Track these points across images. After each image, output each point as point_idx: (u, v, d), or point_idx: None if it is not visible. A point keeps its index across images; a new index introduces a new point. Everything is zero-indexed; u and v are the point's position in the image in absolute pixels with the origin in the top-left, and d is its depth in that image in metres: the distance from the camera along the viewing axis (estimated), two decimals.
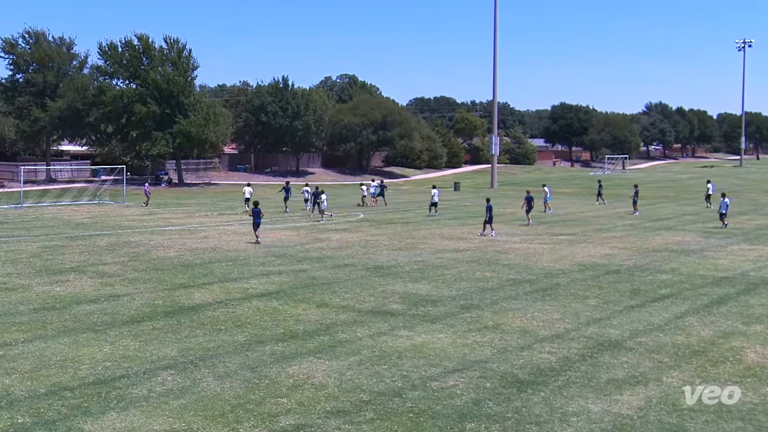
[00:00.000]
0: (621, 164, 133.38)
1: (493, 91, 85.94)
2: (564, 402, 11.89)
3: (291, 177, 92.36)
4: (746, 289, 21.48)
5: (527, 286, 21.92)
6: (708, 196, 54.49)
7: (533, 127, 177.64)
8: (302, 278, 23.00)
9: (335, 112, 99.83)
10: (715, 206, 51.93)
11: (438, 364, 13.92)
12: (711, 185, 55.64)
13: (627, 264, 26.05)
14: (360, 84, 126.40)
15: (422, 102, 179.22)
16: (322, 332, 16.28)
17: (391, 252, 28.82)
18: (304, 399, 11.99)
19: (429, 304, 19.20)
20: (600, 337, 15.96)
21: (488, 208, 34.80)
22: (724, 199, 39.29)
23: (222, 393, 12.26)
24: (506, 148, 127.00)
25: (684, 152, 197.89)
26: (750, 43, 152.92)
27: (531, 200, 40.52)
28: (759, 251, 29.50)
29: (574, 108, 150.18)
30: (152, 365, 13.76)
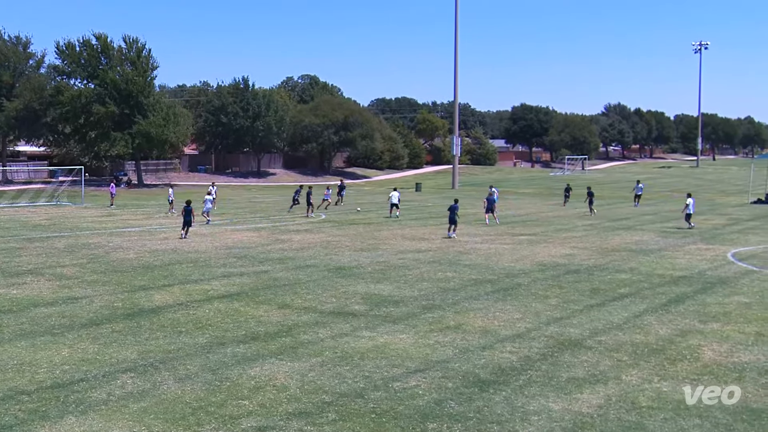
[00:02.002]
0: (580, 165, 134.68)
1: (454, 92, 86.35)
2: (525, 401, 11.97)
3: (252, 178, 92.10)
4: (703, 288, 21.80)
5: (488, 286, 22.04)
6: (637, 196, 55.26)
7: (494, 128, 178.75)
8: (264, 279, 22.90)
9: (296, 112, 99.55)
10: (672, 206, 52.68)
11: (400, 364, 13.94)
12: (640, 185, 56.53)
13: (587, 263, 26.31)
14: (321, 84, 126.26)
15: (384, 103, 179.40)
16: (284, 333, 16.23)
17: (353, 253, 28.80)
18: (266, 401, 11.94)
19: (391, 305, 19.22)
20: (560, 336, 16.10)
21: (453, 208, 34.49)
22: (689, 199, 39.84)
23: (183, 395, 12.16)
24: (467, 149, 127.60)
25: (642, 153, 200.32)
26: (706, 45, 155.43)
27: (492, 201, 41.27)
28: (715, 251, 29.95)
29: (534, 109, 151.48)
30: (111, 368, 13.60)
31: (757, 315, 18.23)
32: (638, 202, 54.78)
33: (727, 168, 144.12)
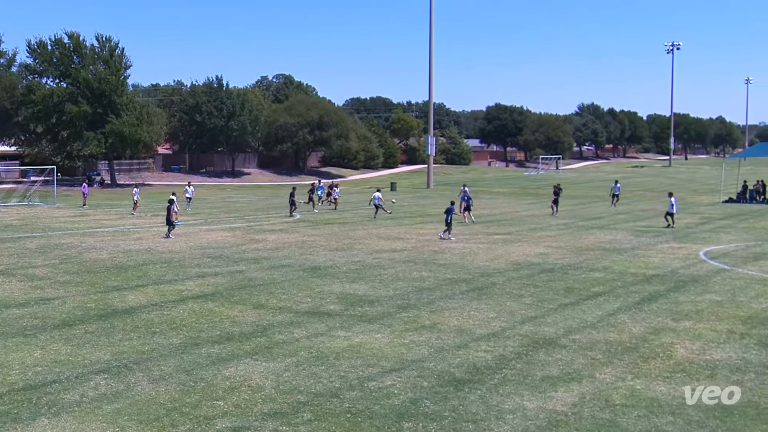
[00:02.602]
0: (554, 164, 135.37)
1: (429, 92, 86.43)
2: (500, 399, 12.02)
3: (227, 178, 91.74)
4: (675, 287, 21.98)
5: (463, 285, 22.09)
6: (614, 196, 55.35)
7: (468, 127, 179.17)
8: (238, 279, 22.82)
9: (271, 112, 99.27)
10: (645, 206, 53.11)
11: (375, 364, 13.93)
12: (618, 185, 56.66)
13: (561, 263, 26.45)
14: (296, 84, 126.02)
15: (358, 102, 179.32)
16: (259, 334, 16.17)
17: (328, 252, 28.76)
18: (241, 401, 11.89)
19: (366, 305, 19.22)
20: (535, 335, 16.17)
21: (449, 210, 33.88)
22: (672, 198, 40.21)
23: (157, 396, 12.09)
24: (442, 149, 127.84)
25: (615, 152, 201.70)
26: (678, 46, 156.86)
27: (469, 200, 41.66)
28: (688, 249, 30.22)
29: (509, 109, 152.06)
30: (84, 370, 13.49)
31: (728, 313, 18.41)
32: (615, 202, 54.75)
33: (699, 167, 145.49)
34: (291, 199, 44.76)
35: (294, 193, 45.58)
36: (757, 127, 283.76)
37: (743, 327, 16.96)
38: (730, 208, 53.16)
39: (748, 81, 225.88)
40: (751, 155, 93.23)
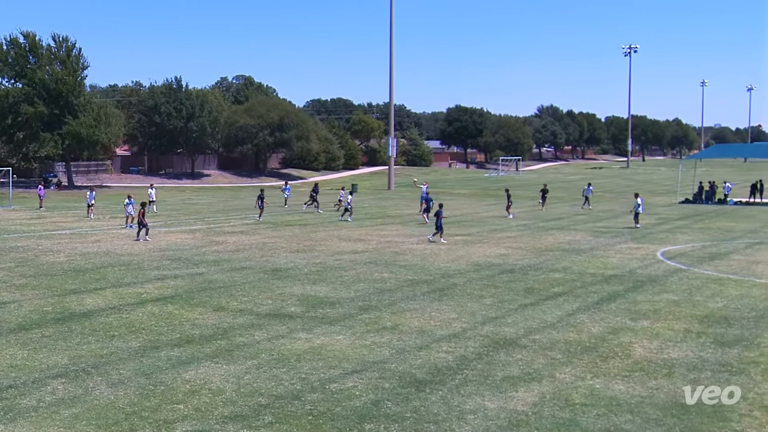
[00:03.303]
0: (514, 166, 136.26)
1: (389, 94, 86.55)
2: (461, 400, 12.06)
3: (186, 179, 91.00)
4: (634, 287, 22.25)
5: (424, 286, 22.15)
6: (586, 198, 55.12)
7: (429, 129, 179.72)
8: (198, 282, 22.65)
9: (231, 113, 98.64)
10: (604, 206, 53.67)
11: (337, 365, 13.92)
12: (590, 188, 56.71)
13: (521, 263, 26.63)
14: (256, 85, 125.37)
15: (319, 104, 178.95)
16: (220, 336, 16.07)
17: (289, 254, 28.67)
18: (201, 404, 11.81)
19: (327, 306, 19.18)
20: (495, 335, 16.26)
21: (438, 213, 33.48)
22: (638, 199, 40.71)
23: (116, 401, 11.95)
24: (403, 150, 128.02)
25: (574, 154, 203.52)
26: (635, 48, 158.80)
27: (430, 201, 41.68)
28: (645, 249, 30.59)
29: (469, 110, 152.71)
30: (42, 374, 13.29)
31: (685, 312, 18.67)
32: (588, 204, 54.12)
33: (656, 168, 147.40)
34: (260, 202, 43.99)
35: (263, 195, 44.83)
36: (713, 129, 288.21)
37: (699, 326, 17.21)
38: (687, 209, 53.93)
39: (703, 84, 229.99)
40: (707, 157, 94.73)
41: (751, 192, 62.61)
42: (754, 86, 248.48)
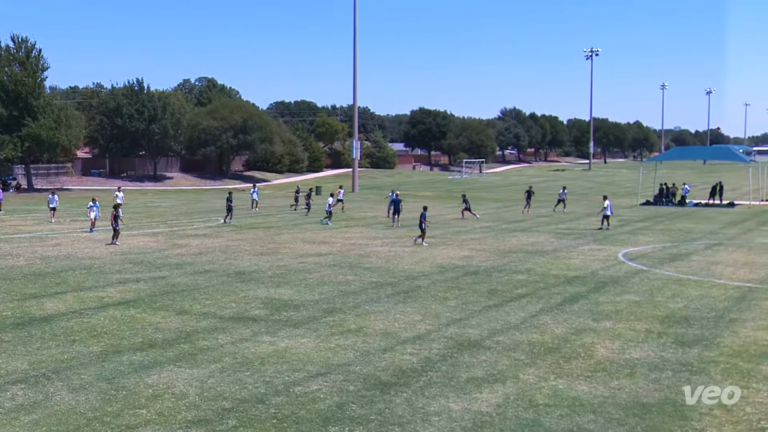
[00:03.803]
0: (478, 168, 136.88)
1: (353, 96, 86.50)
2: (426, 402, 12.09)
3: (148, 182, 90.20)
4: (596, 288, 22.45)
5: (389, 288, 22.16)
6: (560, 201, 54.93)
7: (393, 131, 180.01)
8: (161, 285, 22.46)
9: (194, 115, 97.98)
10: (567, 208, 54.09)
11: (301, 368, 13.88)
12: (565, 191, 56.77)
13: (485, 265, 26.75)
14: (219, 87, 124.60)
15: (283, 106, 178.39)
16: (183, 340, 15.95)
17: (253, 257, 28.54)
18: (164, 409, 11.70)
19: (291, 309, 19.12)
20: (460, 337, 16.31)
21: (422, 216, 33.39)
22: (606, 201, 41.19)
23: (77, 406, 11.81)
24: (367, 153, 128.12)
25: (537, 156, 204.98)
26: (597, 52, 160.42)
27: (399, 203, 42.06)
28: (607, 251, 30.89)
29: (433, 113, 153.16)
30: (1, 380, 13.08)
31: (646, 313, 18.88)
32: (564, 207, 53.97)
33: (618, 171, 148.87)
34: (228, 205, 43.41)
35: (231, 198, 44.31)
36: (673, 131, 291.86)
37: (661, 326, 17.41)
38: (647, 211, 54.54)
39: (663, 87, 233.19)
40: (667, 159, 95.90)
41: (710, 194, 63.50)
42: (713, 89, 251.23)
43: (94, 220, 37.69)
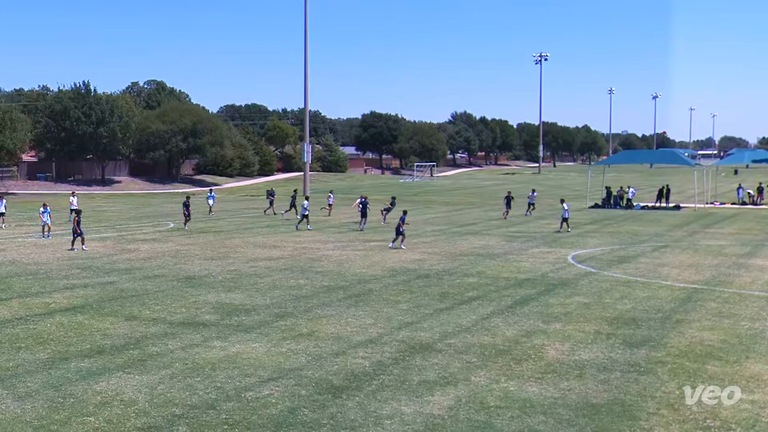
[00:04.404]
0: (429, 172, 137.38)
1: (304, 99, 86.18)
2: (378, 405, 12.09)
3: (96, 186, 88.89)
4: (546, 290, 22.67)
5: (341, 292, 22.14)
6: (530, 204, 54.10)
7: (344, 135, 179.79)
8: (109, 291, 22.15)
9: (143, 118, 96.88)
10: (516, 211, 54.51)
11: (252, 373, 13.79)
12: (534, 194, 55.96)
13: (436, 268, 26.85)
14: (168, 90, 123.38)
15: (233, 109, 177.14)
16: (132, 346, 15.74)
17: (203, 261, 28.30)
18: (113, 416, 11.54)
19: (243, 314, 19.00)
20: (411, 340, 16.35)
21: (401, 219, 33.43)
22: (564, 204, 41.72)
23: (23, 414, 11.58)
24: (318, 156, 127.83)
25: (487, 160, 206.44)
26: (546, 57, 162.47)
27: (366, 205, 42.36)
28: (557, 253, 31.22)
29: (384, 117, 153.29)
30: None
31: (595, 314, 19.12)
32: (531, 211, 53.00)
33: (567, 174, 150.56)
34: (186, 210, 42.60)
35: (188, 202, 43.55)
36: (620, 135, 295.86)
37: (609, 327, 17.64)
38: (596, 213, 55.21)
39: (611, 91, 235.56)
40: (615, 162, 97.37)
41: (657, 197, 64.52)
42: (659, 94, 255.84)
43: (47, 225, 36.73)
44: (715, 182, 75.97)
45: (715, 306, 20.24)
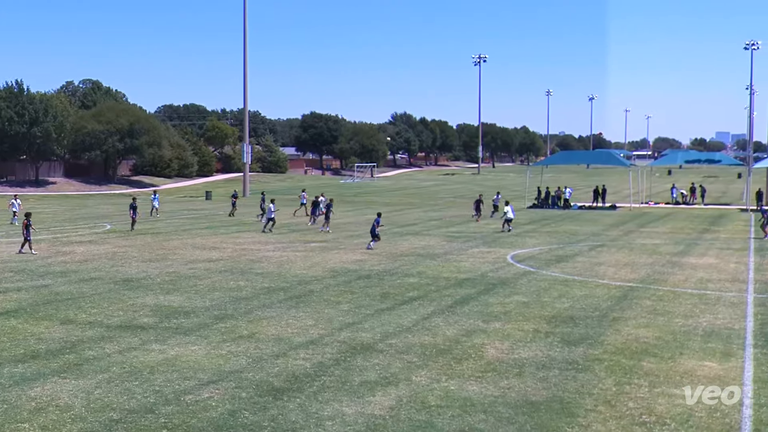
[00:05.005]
0: (369, 172, 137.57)
1: (244, 100, 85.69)
2: (319, 407, 12.06)
3: (30, 187, 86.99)
4: (486, 289, 22.87)
5: (281, 293, 22.03)
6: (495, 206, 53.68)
7: (284, 135, 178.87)
8: (44, 294, 21.69)
9: (78, 118, 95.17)
10: (456, 212, 54.95)
11: (192, 376, 13.64)
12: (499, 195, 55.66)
13: (377, 269, 26.90)
14: (104, 90, 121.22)
15: (171, 109, 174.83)
16: (68, 350, 15.44)
17: (141, 264, 27.90)
18: (48, 422, 11.30)
19: (182, 316, 18.78)
20: (353, 341, 16.35)
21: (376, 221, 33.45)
22: (507, 207, 42.28)
23: None
24: (258, 157, 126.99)
25: (427, 161, 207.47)
26: (485, 58, 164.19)
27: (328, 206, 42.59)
28: (496, 253, 31.53)
29: (324, 117, 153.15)
30: None
31: (534, 313, 19.34)
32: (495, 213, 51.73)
33: (506, 174, 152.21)
34: (133, 212, 41.75)
35: (135, 204, 42.65)
36: (557, 136, 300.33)
37: (548, 326, 17.87)
38: (534, 213, 55.92)
39: (548, 93, 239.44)
40: (553, 163, 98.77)
41: (593, 197, 65.62)
42: (596, 96, 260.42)
43: None
44: (649, 182, 77.52)
45: (650, 304, 20.66)
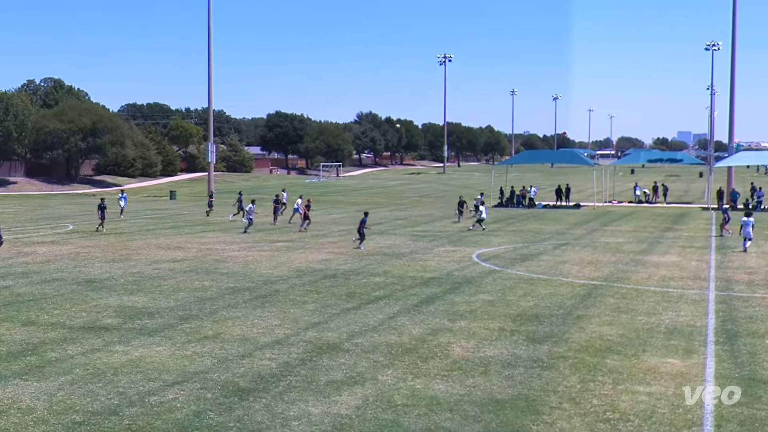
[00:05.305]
0: (335, 172, 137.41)
1: (208, 99, 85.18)
2: (285, 407, 12.02)
3: None
4: (451, 288, 22.95)
5: (247, 293, 21.93)
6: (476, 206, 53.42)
7: (249, 135, 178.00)
8: (4, 295, 21.39)
9: (39, 117, 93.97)
10: (421, 211, 55.08)
11: (156, 378, 13.53)
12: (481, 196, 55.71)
13: (343, 268, 26.88)
14: (66, 88, 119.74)
15: (135, 108, 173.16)
16: (29, 352, 15.24)
17: (104, 264, 27.61)
18: (10, 425, 11.15)
19: (146, 317, 18.62)
20: (319, 340, 16.32)
21: (362, 221, 33.39)
22: (482, 207, 43.38)
23: None
24: (223, 156, 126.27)
25: (393, 160, 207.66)
26: (450, 58, 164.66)
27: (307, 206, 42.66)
28: (461, 252, 31.65)
29: (290, 117, 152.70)
30: None
31: (499, 312, 19.45)
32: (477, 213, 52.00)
33: (471, 174, 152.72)
34: (101, 212, 41.11)
35: (104, 204, 42.01)
36: (522, 136, 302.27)
37: (513, 324, 17.98)
38: (499, 213, 56.18)
39: (513, 93, 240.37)
40: (518, 162, 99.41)
41: (556, 196, 66.08)
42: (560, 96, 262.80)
43: None
44: (613, 181, 78.28)
45: (614, 302, 20.86)
